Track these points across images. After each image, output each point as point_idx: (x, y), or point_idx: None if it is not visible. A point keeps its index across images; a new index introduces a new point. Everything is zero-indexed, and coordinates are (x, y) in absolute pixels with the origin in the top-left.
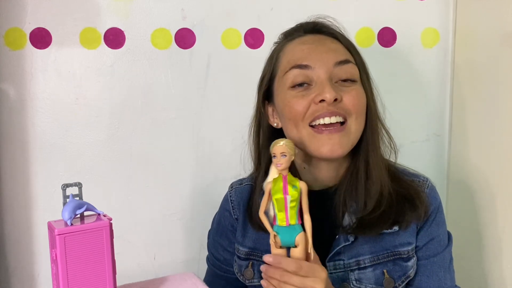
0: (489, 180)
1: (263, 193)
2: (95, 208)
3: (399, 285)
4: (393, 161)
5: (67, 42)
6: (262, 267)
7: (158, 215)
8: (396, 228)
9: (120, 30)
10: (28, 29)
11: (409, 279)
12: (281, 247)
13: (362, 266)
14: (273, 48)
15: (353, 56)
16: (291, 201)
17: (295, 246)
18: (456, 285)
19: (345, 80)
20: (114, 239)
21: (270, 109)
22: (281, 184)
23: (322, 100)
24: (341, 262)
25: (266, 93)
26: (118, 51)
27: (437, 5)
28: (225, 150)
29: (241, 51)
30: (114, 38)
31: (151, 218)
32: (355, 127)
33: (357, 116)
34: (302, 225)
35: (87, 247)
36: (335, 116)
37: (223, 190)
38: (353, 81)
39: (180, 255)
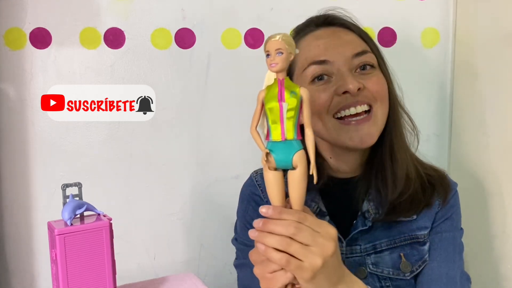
0: (488, 180)
1: None
2: (95, 208)
3: (416, 269)
4: (416, 145)
5: (67, 42)
6: (256, 222)
7: (158, 215)
8: (414, 216)
9: (120, 30)
10: (28, 29)
11: (426, 263)
12: (275, 169)
13: (379, 249)
14: None
15: (369, 44)
16: (288, 110)
17: (293, 168)
18: (465, 271)
19: (364, 68)
20: (114, 239)
21: None
22: (276, 90)
23: (346, 92)
24: (358, 247)
25: None
26: (118, 51)
27: (437, 5)
28: (225, 150)
29: (241, 51)
30: (114, 38)
31: (151, 218)
32: (381, 112)
33: (382, 102)
34: (303, 142)
35: (87, 247)
36: (361, 105)
37: (223, 190)
38: (372, 67)
39: (180, 255)
